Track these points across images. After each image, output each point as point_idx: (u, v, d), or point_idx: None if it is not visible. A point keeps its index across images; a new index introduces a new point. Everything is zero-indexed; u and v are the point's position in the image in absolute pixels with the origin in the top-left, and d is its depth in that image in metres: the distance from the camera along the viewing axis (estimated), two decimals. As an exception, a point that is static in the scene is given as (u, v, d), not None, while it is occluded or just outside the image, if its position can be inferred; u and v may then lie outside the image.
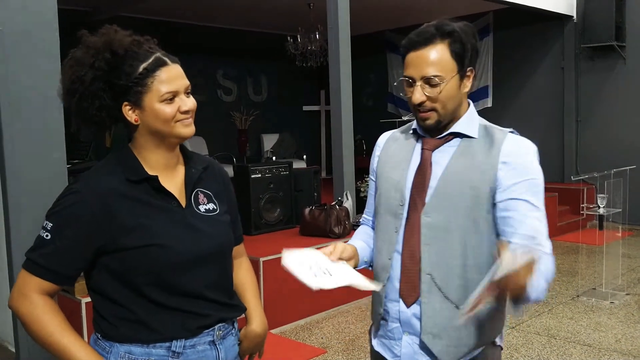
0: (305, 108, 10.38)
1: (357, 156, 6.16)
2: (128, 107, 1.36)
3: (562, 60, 8.37)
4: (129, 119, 1.37)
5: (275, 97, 10.43)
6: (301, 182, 5.74)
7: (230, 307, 1.50)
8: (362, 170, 6.31)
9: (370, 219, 1.75)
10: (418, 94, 1.48)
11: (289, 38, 8.55)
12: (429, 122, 1.51)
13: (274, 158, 8.00)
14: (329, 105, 5.79)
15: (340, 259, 1.49)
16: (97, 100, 1.34)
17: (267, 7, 8.12)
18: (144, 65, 1.34)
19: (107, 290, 1.37)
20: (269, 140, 9.88)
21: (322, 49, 8.31)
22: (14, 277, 3.40)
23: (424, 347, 1.51)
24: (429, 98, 1.48)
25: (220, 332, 1.47)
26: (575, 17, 8.16)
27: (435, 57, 1.46)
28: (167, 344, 1.38)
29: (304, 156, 9.44)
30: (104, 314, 1.39)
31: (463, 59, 1.49)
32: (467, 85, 1.53)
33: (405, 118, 6.67)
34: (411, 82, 1.50)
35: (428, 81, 1.47)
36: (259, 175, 5.19)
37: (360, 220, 1.82)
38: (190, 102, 1.39)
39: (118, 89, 1.34)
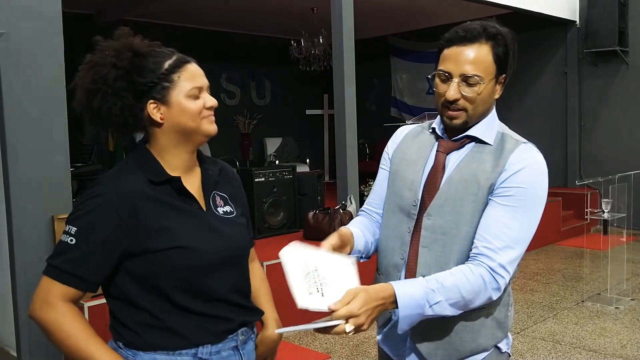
0: (308, 112, 10.38)
1: (360, 160, 6.15)
2: (153, 105, 1.34)
3: (565, 65, 8.36)
4: (154, 117, 1.35)
5: (278, 101, 10.43)
6: (305, 186, 5.73)
7: (251, 310, 1.50)
8: (366, 174, 6.31)
9: (376, 210, 1.68)
10: (453, 91, 1.44)
11: (292, 42, 8.56)
12: (456, 121, 1.47)
13: (277, 162, 7.99)
14: (332, 109, 5.78)
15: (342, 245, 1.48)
16: (120, 101, 1.32)
17: (271, 11, 8.13)
18: (168, 62, 1.35)
19: (130, 296, 1.34)
20: (272, 144, 9.88)
21: (325, 53, 8.32)
22: (16, 279, 3.39)
23: (414, 347, 1.51)
24: (464, 97, 1.44)
25: (243, 336, 1.46)
26: (578, 22, 8.16)
27: (479, 56, 1.43)
28: (194, 351, 1.36)
29: (307, 160, 9.43)
30: (126, 321, 1.36)
31: (504, 64, 1.46)
32: (499, 92, 1.50)
33: (408, 122, 6.66)
34: (447, 77, 1.46)
35: (466, 79, 1.43)
36: (263, 179, 5.18)
37: (360, 210, 1.75)
38: (213, 99, 1.41)
39: (141, 88, 1.33)
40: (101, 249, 1.30)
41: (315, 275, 1.35)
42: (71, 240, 1.29)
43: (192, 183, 1.43)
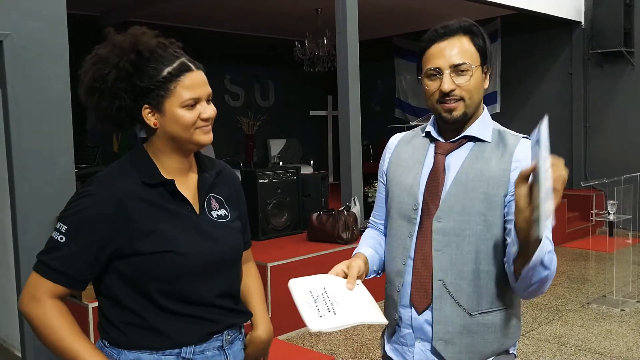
0: (312, 113, 10.37)
1: (364, 161, 6.15)
2: (148, 110, 1.34)
3: (570, 66, 8.33)
4: (147, 122, 1.35)
5: (282, 103, 10.43)
6: (308, 187, 5.72)
7: (238, 313, 1.49)
8: (370, 175, 6.30)
9: (380, 222, 1.73)
10: (448, 83, 1.46)
11: (296, 43, 8.55)
12: (455, 113, 1.48)
13: (281, 163, 7.99)
14: (336, 111, 5.77)
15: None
16: (117, 100, 1.32)
17: (275, 12, 8.13)
18: (168, 69, 1.32)
19: (117, 295, 1.35)
20: (276, 146, 9.87)
21: (329, 54, 8.31)
22: (21, 280, 3.40)
23: (435, 353, 1.50)
24: (458, 86, 1.47)
25: (229, 337, 1.45)
26: (583, 23, 8.13)
27: (462, 46, 1.48)
28: (177, 351, 1.36)
29: (311, 161, 9.43)
30: (113, 319, 1.36)
31: (485, 53, 1.50)
32: (487, 82, 1.52)
33: (413, 123, 6.66)
34: (437, 73, 1.48)
35: (457, 68, 1.46)
36: (267, 180, 5.18)
37: (368, 222, 1.79)
38: (210, 110, 1.38)
39: (139, 91, 1.32)
40: (90, 249, 1.30)
41: (325, 296, 1.38)
42: (61, 238, 1.30)
43: (188, 185, 1.43)
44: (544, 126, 1.20)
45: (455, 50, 1.47)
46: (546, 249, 1.29)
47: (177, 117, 1.33)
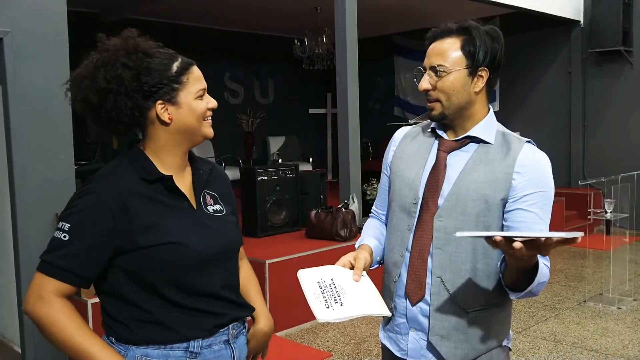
0: (311, 111, 10.38)
1: (363, 159, 6.15)
2: (161, 106, 1.37)
3: (569, 65, 8.35)
4: (162, 117, 1.38)
5: (281, 100, 10.44)
6: (307, 184, 5.73)
7: (242, 306, 1.52)
8: (369, 173, 6.31)
9: (381, 212, 1.77)
10: (424, 82, 1.53)
11: (296, 41, 8.56)
12: (433, 112, 1.55)
13: (280, 160, 8.00)
14: (336, 108, 5.78)
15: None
16: (130, 101, 1.34)
17: (274, 10, 8.13)
18: (176, 63, 1.39)
19: (122, 291, 1.36)
20: (276, 143, 9.88)
21: (329, 52, 8.31)
22: (20, 277, 3.41)
23: (431, 347, 1.54)
24: (432, 87, 1.52)
25: (234, 331, 1.48)
26: (582, 22, 8.14)
27: (444, 48, 1.51)
28: (185, 345, 1.38)
29: (310, 159, 9.44)
30: (118, 316, 1.38)
31: (474, 55, 1.50)
32: (479, 85, 1.52)
33: (412, 121, 6.66)
34: (423, 72, 1.55)
35: (433, 70, 1.51)
36: (266, 178, 5.19)
37: (370, 212, 1.83)
38: (214, 100, 1.45)
39: (149, 88, 1.35)
40: (94, 246, 1.32)
41: (332, 287, 1.43)
42: (64, 236, 1.31)
43: (184, 182, 1.46)
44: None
45: (438, 51, 1.52)
46: (539, 280, 1.37)
47: (193, 107, 1.39)
